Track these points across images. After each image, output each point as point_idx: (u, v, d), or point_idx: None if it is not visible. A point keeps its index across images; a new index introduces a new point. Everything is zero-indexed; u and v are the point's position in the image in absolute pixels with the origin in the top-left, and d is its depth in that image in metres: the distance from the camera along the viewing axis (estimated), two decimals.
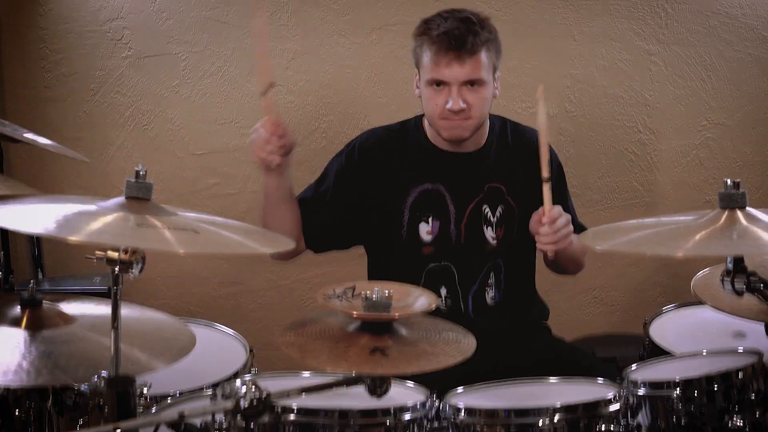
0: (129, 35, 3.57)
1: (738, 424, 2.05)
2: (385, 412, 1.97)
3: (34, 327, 1.96)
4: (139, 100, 3.61)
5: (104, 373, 1.86)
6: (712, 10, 3.59)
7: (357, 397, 1.89)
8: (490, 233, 2.72)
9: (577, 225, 2.74)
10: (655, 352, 2.60)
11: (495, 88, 2.68)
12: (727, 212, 1.96)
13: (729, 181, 1.97)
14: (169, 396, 2.23)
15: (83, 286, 3.18)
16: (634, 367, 2.25)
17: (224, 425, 1.76)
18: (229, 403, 1.71)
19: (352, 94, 3.61)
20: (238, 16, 3.57)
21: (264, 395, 1.71)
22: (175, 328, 2.15)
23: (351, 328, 1.87)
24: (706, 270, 2.45)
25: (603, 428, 2.03)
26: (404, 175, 2.74)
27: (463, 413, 2.05)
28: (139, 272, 1.82)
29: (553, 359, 2.64)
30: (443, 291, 2.71)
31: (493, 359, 2.32)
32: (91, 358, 1.91)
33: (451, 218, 2.71)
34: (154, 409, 2.15)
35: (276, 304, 3.72)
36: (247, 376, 2.26)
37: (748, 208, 1.97)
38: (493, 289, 2.73)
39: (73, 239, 1.68)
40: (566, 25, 3.58)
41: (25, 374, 1.82)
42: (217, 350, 2.56)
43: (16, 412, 2.00)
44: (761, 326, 2.26)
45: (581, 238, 2.25)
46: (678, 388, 2.10)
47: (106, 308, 1.98)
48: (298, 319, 1.96)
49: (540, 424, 2.00)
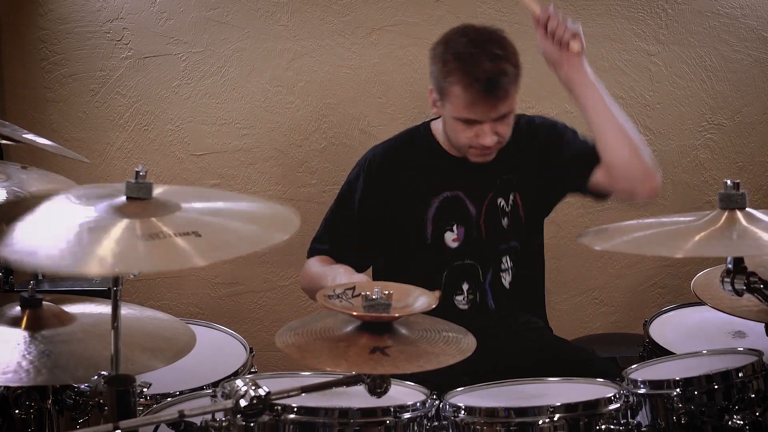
0: (129, 36, 3.57)
1: (738, 423, 2.05)
2: (385, 411, 1.98)
3: (34, 327, 1.96)
4: (139, 101, 3.61)
5: (104, 373, 1.86)
6: (712, 10, 3.59)
7: (357, 397, 1.89)
8: (505, 221, 2.72)
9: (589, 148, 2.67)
10: (655, 352, 2.61)
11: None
12: (726, 213, 1.96)
13: (729, 182, 1.97)
14: (169, 395, 2.23)
15: (83, 286, 3.18)
16: (634, 366, 2.25)
17: (224, 424, 1.76)
18: (229, 403, 1.71)
19: (352, 94, 3.61)
20: (238, 17, 3.57)
21: (264, 395, 1.70)
22: (175, 327, 2.15)
23: (351, 328, 1.87)
24: (706, 270, 2.45)
25: (603, 427, 2.03)
26: (423, 185, 2.71)
27: (462, 412, 2.05)
28: (139, 272, 1.82)
29: (553, 360, 2.63)
30: (465, 286, 2.70)
31: (504, 352, 2.31)
32: (90, 358, 1.91)
33: (473, 219, 2.71)
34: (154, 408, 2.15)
35: (276, 304, 3.72)
36: (247, 376, 2.26)
37: (748, 209, 1.97)
38: (509, 273, 2.73)
39: (89, 272, 1.61)
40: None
41: (24, 374, 1.83)
42: (217, 350, 2.57)
43: (16, 412, 2.00)
44: (761, 326, 2.26)
45: (583, 238, 2.15)
46: (678, 388, 2.10)
47: (106, 308, 1.99)
48: (298, 320, 1.96)
49: (540, 423, 2.01)
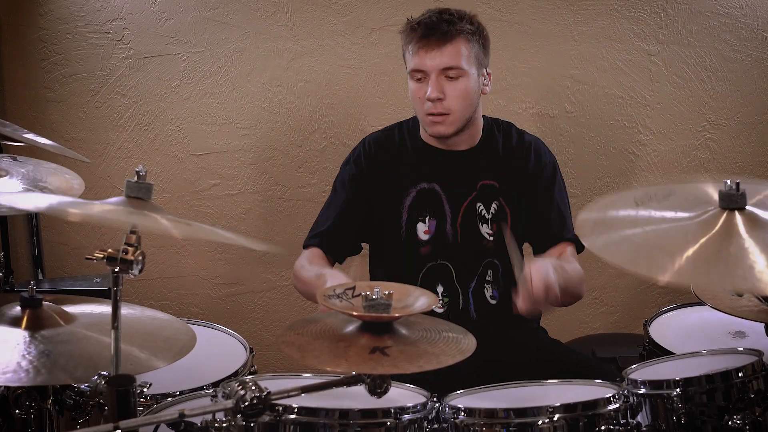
0: (129, 35, 3.58)
1: (738, 423, 2.05)
2: (386, 412, 1.97)
3: (34, 327, 1.96)
4: (139, 101, 3.62)
5: (104, 373, 1.86)
6: (712, 10, 3.59)
7: (357, 397, 1.89)
8: (485, 230, 2.72)
9: (572, 236, 2.71)
10: (655, 352, 2.61)
11: (484, 85, 2.70)
12: (726, 213, 1.95)
13: (729, 182, 1.96)
14: (170, 395, 2.23)
15: (83, 286, 3.18)
16: (634, 366, 2.25)
17: (224, 424, 1.76)
18: (229, 403, 1.71)
19: (352, 94, 3.61)
20: (239, 17, 3.57)
21: (264, 395, 1.70)
22: (175, 327, 2.15)
23: (351, 328, 1.87)
24: None
25: (603, 428, 2.03)
26: (403, 175, 2.76)
27: (462, 414, 2.05)
28: (139, 272, 1.82)
29: (551, 361, 2.63)
30: (440, 289, 2.71)
31: (493, 360, 2.31)
32: (90, 358, 1.91)
33: (447, 217, 2.72)
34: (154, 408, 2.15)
35: (276, 304, 3.73)
36: (248, 376, 2.26)
37: (748, 207, 1.95)
38: (492, 288, 2.73)
39: (73, 211, 1.71)
40: (566, 25, 3.58)
41: (24, 374, 1.83)
42: (217, 350, 2.57)
43: (16, 412, 2.00)
44: (761, 326, 2.26)
45: (581, 228, 2.01)
46: (678, 388, 2.10)
47: (106, 308, 1.99)
48: (298, 319, 1.96)
49: (539, 424, 2.01)
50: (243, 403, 1.69)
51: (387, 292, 1.84)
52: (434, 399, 2.10)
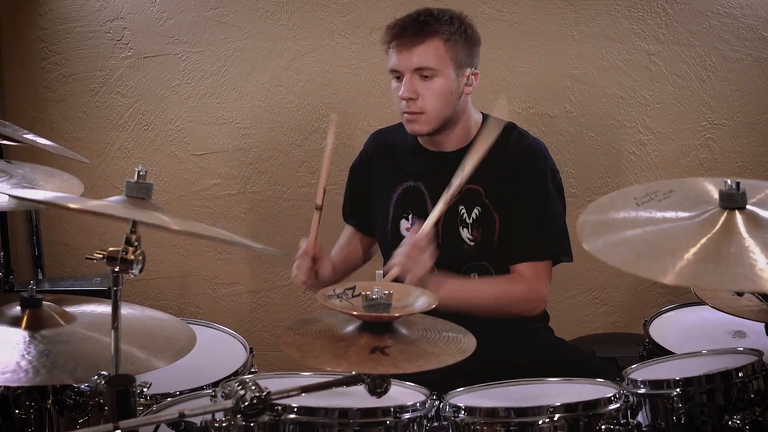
0: (129, 35, 3.58)
1: (738, 423, 2.05)
2: (385, 411, 1.97)
3: (34, 327, 1.96)
4: (139, 101, 3.62)
5: (104, 373, 1.86)
6: (712, 10, 3.59)
7: (357, 397, 1.89)
8: (466, 234, 2.71)
9: (541, 255, 2.68)
10: (655, 352, 2.61)
11: (467, 85, 2.68)
12: (726, 213, 1.94)
13: (729, 182, 1.96)
14: (169, 395, 2.23)
15: (83, 286, 3.18)
16: (634, 366, 2.25)
17: (224, 424, 1.76)
18: (229, 403, 1.71)
19: (352, 94, 3.62)
20: (239, 16, 3.57)
21: (264, 394, 1.70)
22: (174, 327, 2.15)
23: (351, 327, 1.87)
24: None
25: (603, 427, 2.03)
26: (394, 172, 2.82)
27: (462, 412, 2.05)
28: (139, 272, 1.82)
29: (552, 360, 2.63)
30: None
31: (492, 361, 2.31)
32: (90, 358, 1.91)
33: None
34: (154, 408, 2.15)
35: (276, 304, 3.73)
36: (247, 376, 2.26)
37: (749, 207, 1.95)
38: None
39: (72, 206, 1.72)
40: (566, 25, 3.58)
41: (24, 374, 1.83)
42: (217, 350, 2.57)
43: (16, 412, 2.00)
44: (761, 326, 2.26)
45: (582, 228, 1.96)
46: (678, 388, 2.10)
47: (106, 308, 1.99)
48: (298, 319, 1.96)
49: (540, 424, 2.01)
50: (243, 403, 1.69)
51: (387, 292, 1.84)
52: (434, 397, 2.10)
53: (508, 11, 3.57)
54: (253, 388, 1.71)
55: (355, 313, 1.83)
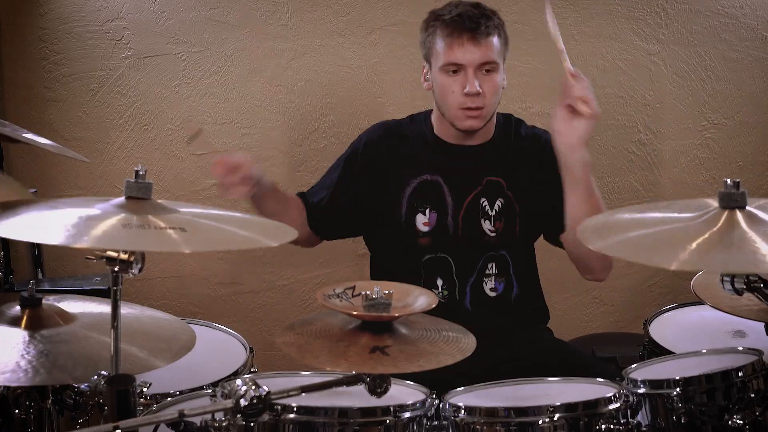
0: (129, 35, 3.58)
1: (738, 423, 2.05)
2: (385, 410, 1.97)
3: (33, 327, 1.96)
4: (139, 101, 3.61)
5: (104, 373, 1.86)
6: (712, 10, 3.59)
7: (357, 396, 1.89)
8: (487, 226, 2.72)
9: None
10: (655, 351, 2.60)
11: (503, 79, 2.70)
12: (726, 212, 1.95)
13: (729, 181, 1.96)
14: (169, 395, 2.23)
15: (83, 286, 3.18)
16: (634, 366, 2.25)
17: (224, 424, 1.76)
18: (229, 403, 1.71)
19: (352, 94, 3.61)
20: (238, 16, 3.57)
21: (264, 394, 1.70)
22: (174, 327, 2.15)
23: (351, 327, 1.87)
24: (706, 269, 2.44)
25: (603, 427, 2.03)
26: (405, 165, 2.76)
27: (462, 412, 2.05)
28: (139, 271, 1.82)
29: (552, 360, 2.63)
30: (439, 282, 2.71)
31: (491, 355, 2.31)
32: (90, 358, 1.91)
33: (449, 210, 2.72)
34: (154, 408, 2.15)
35: (275, 304, 3.73)
36: (247, 376, 2.26)
37: (748, 207, 1.95)
38: (493, 281, 2.73)
39: (79, 246, 1.68)
40: (566, 25, 3.58)
41: (23, 374, 1.82)
42: (217, 350, 2.56)
43: (16, 412, 2.00)
44: (761, 326, 2.26)
45: (583, 233, 2.02)
46: (678, 387, 2.10)
47: (106, 308, 1.99)
48: (298, 319, 1.96)
49: (540, 423, 2.01)
50: (243, 403, 1.69)
51: (387, 292, 1.84)
52: (434, 396, 2.10)
53: (508, 11, 3.56)
54: (253, 387, 1.71)
55: (355, 313, 1.83)
